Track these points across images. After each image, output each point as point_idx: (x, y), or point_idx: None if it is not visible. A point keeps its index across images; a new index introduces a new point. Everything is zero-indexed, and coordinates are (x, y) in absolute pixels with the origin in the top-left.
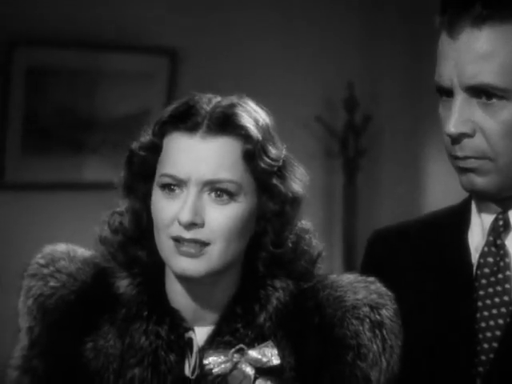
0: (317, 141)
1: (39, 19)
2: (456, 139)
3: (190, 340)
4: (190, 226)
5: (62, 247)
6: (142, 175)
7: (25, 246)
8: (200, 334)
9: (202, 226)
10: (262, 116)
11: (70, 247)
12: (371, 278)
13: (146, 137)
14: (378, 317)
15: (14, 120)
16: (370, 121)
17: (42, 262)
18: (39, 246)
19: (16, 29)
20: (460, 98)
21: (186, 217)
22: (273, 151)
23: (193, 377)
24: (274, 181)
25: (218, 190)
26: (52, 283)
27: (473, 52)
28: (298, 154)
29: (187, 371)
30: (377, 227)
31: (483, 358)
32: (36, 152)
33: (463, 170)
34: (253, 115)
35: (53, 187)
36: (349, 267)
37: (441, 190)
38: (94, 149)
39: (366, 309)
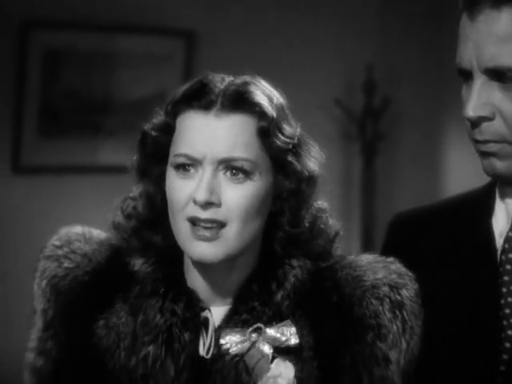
0: (335, 124)
1: (55, 1)
2: (475, 123)
3: (206, 319)
4: (206, 205)
5: (78, 229)
6: (156, 157)
7: (40, 230)
8: (216, 314)
9: (218, 205)
10: (275, 94)
11: (86, 229)
12: (391, 259)
13: (158, 117)
14: (398, 297)
15: (30, 103)
16: (389, 104)
17: (57, 243)
18: (54, 230)
19: (31, 11)
20: (479, 80)
21: (201, 195)
22: (287, 129)
23: (208, 356)
24: (290, 159)
25: (233, 168)
26: (66, 264)
27: (492, 34)
28: (316, 137)
29: (202, 350)
30: (395, 212)
31: (507, 345)
32: (51, 135)
33: (484, 154)
34: (266, 93)
35: (68, 170)
36: (367, 252)
37: (461, 174)
38: (109, 132)
39: (386, 288)
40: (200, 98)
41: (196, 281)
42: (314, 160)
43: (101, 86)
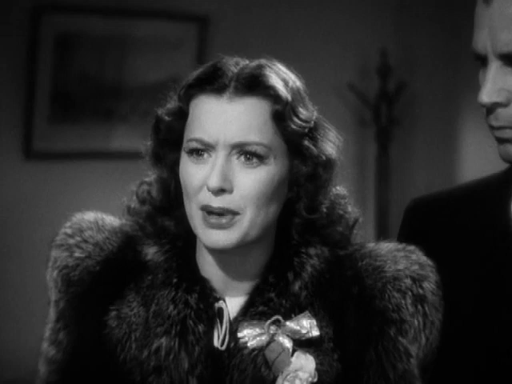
0: (349, 109)
1: None
2: (490, 109)
3: (221, 310)
4: (219, 192)
5: (90, 216)
6: (169, 142)
7: (52, 216)
8: (231, 305)
9: (230, 191)
10: (292, 77)
11: (98, 216)
12: (411, 247)
13: (172, 102)
14: (420, 290)
15: (42, 88)
16: (404, 88)
17: (68, 231)
18: (67, 216)
19: None
20: (494, 66)
21: (214, 182)
22: (303, 112)
23: (222, 348)
24: (306, 143)
25: (247, 153)
26: (77, 254)
27: (506, 18)
28: (330, 122)
29: (216, 342)
30: (410, 198)
31: None
32: (63, 121)
33: (500, 140)
34: (281, 76)
35: (81, 156)
36: (382, 238)
37: (477, 160)
38: (122, 117)
39: (408, 281)
40: (213, 82)
41: (210, 269)
42: (331, 144)
43: (113, 70)
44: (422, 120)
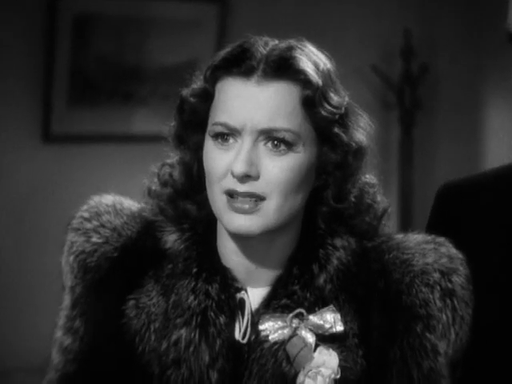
0: (372, 91)
1: None
2: None
3: (242, 301)
4: (244, 178)
5: (108, 199)
6: (194, 124)
7: (71, 201)
8: (253, 296)
9: (256, 178)
10: (323, 60)
11: (116, 199)
12: (441, 239)
13: (197, 83)
14: (449, 284)
15: (60, 71)
16: (428, 70)
17: (86, 215)
18: (85, 201)
19: None
20: None
21: (239, 168)
22: (334, 98)
23: (244, 341)
24: (336, 130)
25: (275, 139)
26: (94, 239)
27: None
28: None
29: (238, 335)
30: (435, 182)
31: None
32: (82, 104)
33: None
34: (312, 59)
35: (100, 140)
36: (405, 225)
37: (503, 143)
38: (141, 100)
39: (437, 275)
40: (240, 64)
41: (232, 258)
42: (362, 131)
43: (132, 52)
44: (447, 102)
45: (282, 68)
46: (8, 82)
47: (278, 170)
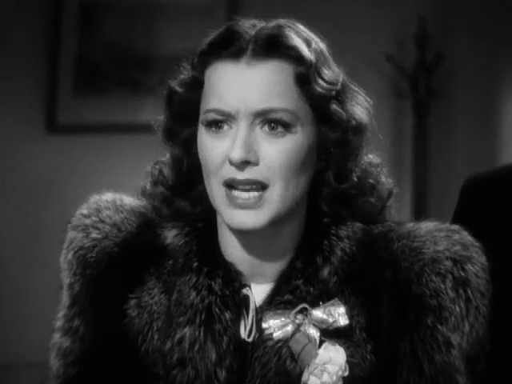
0: (386, 80)
1: None
2: None
3: (247, 298)
4: (243, 164)
5: (108, 196)
6: (184, 116)
7: (76, 192)
8: (257, 293)
9: (256, 163)
10: (314, 38)
11: (116, 196)
12: (455, 226)
13: (185, 72)
14: (462, 273)
15: (66, 58)
16: (443, 59)
17: (85, 212)
18: (92, 193)
19: None
20: None
21: (238, 154)
22: (329, 74)
23: (249, 339)
24: (333, 107)
25: (272, 121)
26: (94, 234)
27: None
28: (366, 93)
29: (243, 333)
30: (450, 174)
31: None
32: (89, 93)
33: None
34: (303, 36)
35: (107, 129)
36: (419, 217)
37: None
38: (150, 89)
39: (449, 263)
40: (228, 46)
41: (234, 252)
42: (360, 108)
43: (141, 40)
44: (462, 92)
45: (272, 46)
46: (12, 70)
47: (277, 153)
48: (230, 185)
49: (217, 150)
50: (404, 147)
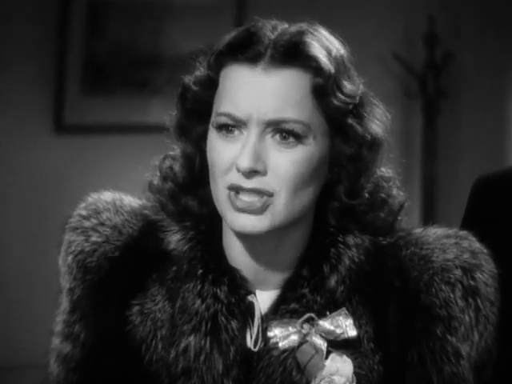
0: (394, 79)
1: None
2: None
3: (251, 304)
4: (250, 173)
5: (107, 196)
6: (197, 114)
7: (84, 193)
8: (262, 300)
9: (264, 173)
10: (336, 45)
11: (116, 196)
12: (463, 232)
13: (201, 70)
14: (471, 282)
15: (73, 58)
16: (452, 58)
17: (83, 213)
18: (99, 191)
19: None
20: None
21: (245, 163)
22: (348, 86)
23: (255, 349)
24: (350, 121)
25: (283, 131)
26: (94, 238)
27: None
28: (373, 93)
29: (249, 342)
30: (459, 174)
31: None
32: (96, 92)
33: None
34: (325, 44)
35: (113, 130)
36: (427, 220)
37: None
38: (157, 89)
39: (458, 272)
40: (246, 50)
41: (238, 258)
42: (377, 122)
43: (148, 39)
44: (471, 91)
45: (292, 54)
46: (20, 69)
47: (286, 163)
48: (235, 190)
49: (225, 153)
50: (413, 146)
